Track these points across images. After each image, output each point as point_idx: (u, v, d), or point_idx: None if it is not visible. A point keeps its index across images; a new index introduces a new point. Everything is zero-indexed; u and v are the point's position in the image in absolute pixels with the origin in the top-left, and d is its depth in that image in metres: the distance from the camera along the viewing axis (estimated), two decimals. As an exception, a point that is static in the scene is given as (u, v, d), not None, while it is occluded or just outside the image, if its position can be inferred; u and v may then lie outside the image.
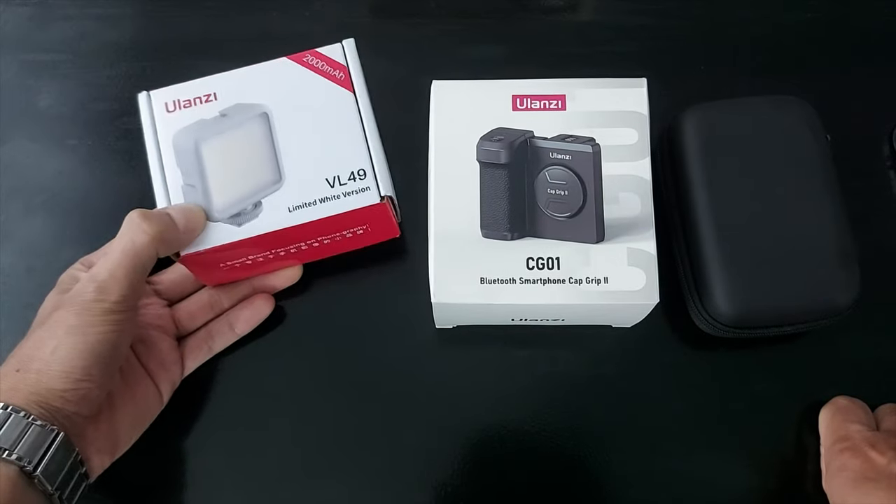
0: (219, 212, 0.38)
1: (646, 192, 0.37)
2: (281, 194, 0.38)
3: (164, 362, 0.40)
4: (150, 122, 0.39)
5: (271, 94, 0.39)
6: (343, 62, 0.40)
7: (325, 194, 0.38)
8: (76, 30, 0.49)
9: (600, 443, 0.41)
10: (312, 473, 0.41)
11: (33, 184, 0.46)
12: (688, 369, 0.42)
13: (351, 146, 0.39)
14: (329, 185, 0.38)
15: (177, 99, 0.39)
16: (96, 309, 0.34)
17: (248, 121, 0.39)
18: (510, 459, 0.41)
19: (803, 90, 0.42)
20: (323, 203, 0.38)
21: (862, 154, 0.46)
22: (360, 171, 0.38)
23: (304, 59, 0.40)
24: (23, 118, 0.47)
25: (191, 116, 0.39)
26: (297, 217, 0.38)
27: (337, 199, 0.38)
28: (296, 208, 0.38)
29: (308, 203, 0.38)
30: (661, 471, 0.41)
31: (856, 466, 0.36)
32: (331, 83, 0.40)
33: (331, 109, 0.39)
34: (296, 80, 0.40)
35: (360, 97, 0.39)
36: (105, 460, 0.36)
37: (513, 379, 0.42)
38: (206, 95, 0.39)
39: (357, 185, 0.38)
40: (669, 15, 0.50)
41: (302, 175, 0.38)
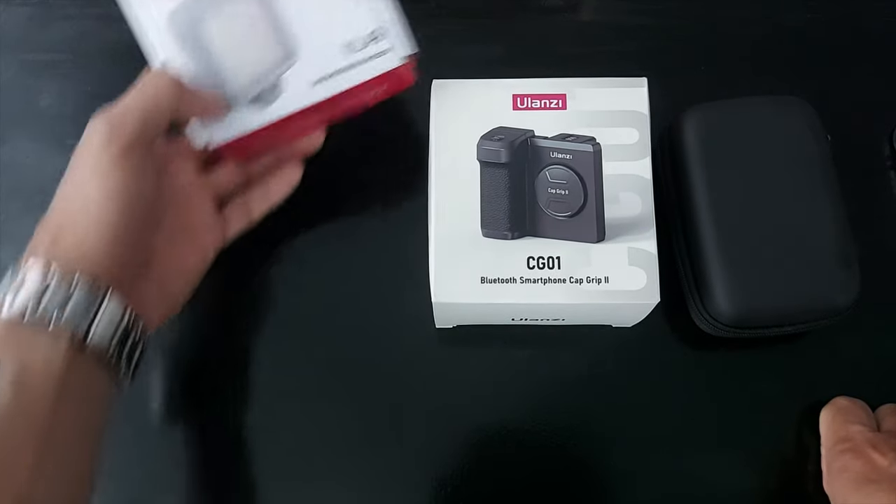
0: (238, 96, 0.36)
1: (646, 191, 0.37)
2: (298, 69, 0.36)
3: (204, 223, 0.40)
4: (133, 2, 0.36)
5: None
6: None
7: (342, 63, 0.36)
8: (76, 29, 0.49)
9: (600, 442, 0.41)
10: (311, 473, 0.41)
11: (33, 184, 0.46)
12: (688, 369, 0.42)
13: (359, 7, 0.36)
14: (345, 53, 0.36)
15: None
16: (107, 155, 0.33)
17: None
18: (510, 459, 0.41)
19: (803, 90, 0.42)
20: (345, 72, 0.36)
21: (862, 154, 0.46)
22: (376, 32, 0.36)
23: None
24: (23, 118, 0.47)
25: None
26: (320, 92, 0.36)
27: (354, 66, 0.36)
28: (317, 82, 0.36)
29: (326, 76, 0.36)
30: (661, 471, 0.41)
31: (857, 468, 0.36)
32: None
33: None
34: None
35: None
36: (160, 313, 0.37)
37: (513, 379, 0.42)
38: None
39: (376, 49, 0.36)
40: (669, 15, 0.50)
41: (314, 45, 0.36)
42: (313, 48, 0.36)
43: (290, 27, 0.36)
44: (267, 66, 0.36)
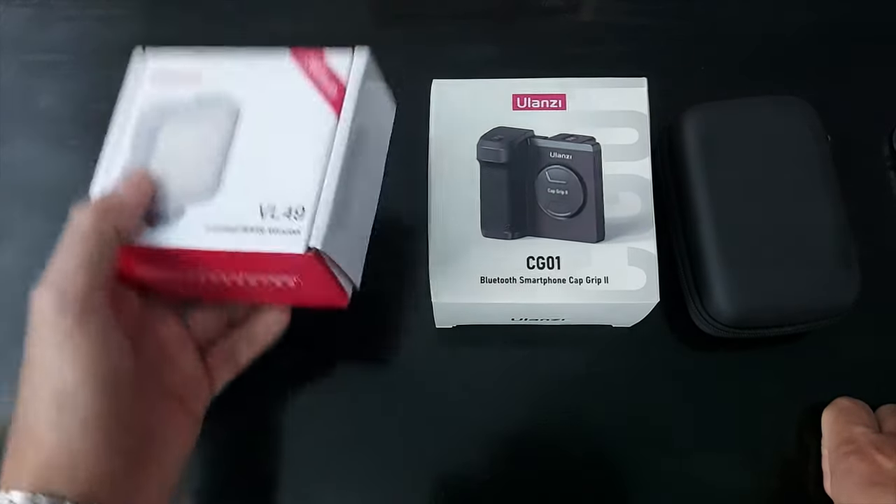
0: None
1: (646, 191, 0.37)
2: (207, 206, 0.32)
3: (192, 380, 0.36)
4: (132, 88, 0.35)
5: (254, 88, 0.34)
6: (343, 77, 0.33)
7: (250, 223, 0.32)
8: (76, 30, 0.49)
9: (600, 443, 0.41)
10: (309, 472, 0.41)
11: (34, 183, 0.46)
12: (688, 369, 0.42)
13: (303, 176, 0.32)
14: (261, 213, 0.32)
15: (164, 69, 0.35)
16: (63, 327, 0.29)
17: (216, 114, 0.34)
18: (510, 459, 0.41)
19: (803, 90, 0.42)
20: (245, 232, 0.32)
21: (862, 154, 0.46)
22: (300, 208, 0.31)
23: (305, 59, 0.34)
24: (23, 118, 0.47)
25: (169, 94, 0.35)
26: (214, 240, 0.32)
27: (261, 232, 0.31)
28: (215, 228, 0.32)
29: (230, 227, 0.32)
30: (661, 471, 0.41)
31: (862, 470, 0.36)
32: (319, 97, 0.33)
33: (305, 127, 0.33)
34: (286, 80, 0.34)
35: (343, 125, 0.33)
36: (160, 499, 0.33)
37: (513, 379, 0.42)
38: (192, 75, 0.34)
39: (288, 225, 0.31)
40: (669, 15, 0.50)
41: (238, 193, 0.32)
42: (233, 194, 0.32)
43: (232, 166, 0.33)
44: (189, 190, 0.33)
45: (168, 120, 0.34)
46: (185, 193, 0.33)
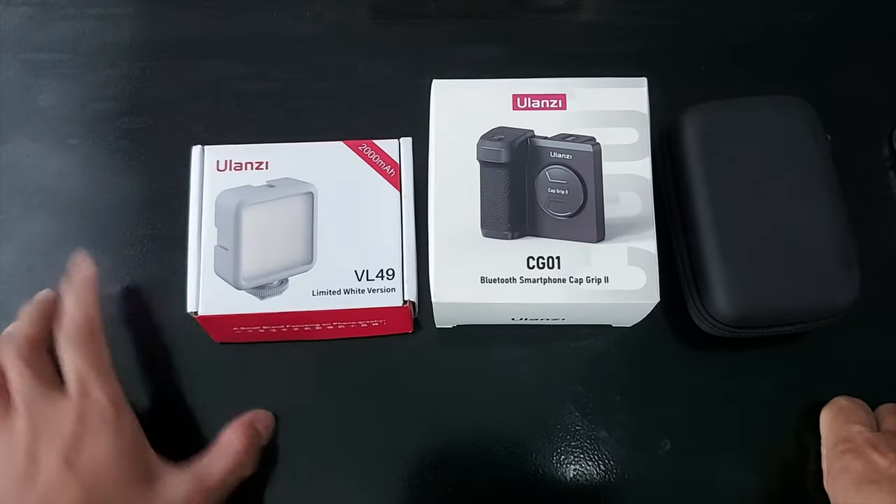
0: (245, 280, 0.38)
1: (646, 191, 0.37)
2: (308, 276, 0.39)
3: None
4: (198, 177, 0.40)
5: (321, 174, 0.40)
6: (396, 159, 0.41)
7: (351, 286, 0.39)
8: (76, 29, 0.49)
9: (600, 442, 0.41)
10: (308, 472, 0.41)
11: (33, 184, 0.46)
12: (688, 369, 0.42)
13: (386, 244, 0.39)
14: (357, 277, 0.39)
15: (229, 159, 0.40)
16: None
17: (293, 196, 0.40)
18: (510, 458, 0.41)
19: (803, 90, 0.42)
20: (347, 294, 0.39)
21: (862, 154, 0.47)
22: (390, 270, 0.39)
23: (360, 148, 0.41)
24: (23, 118, 0.47)
25: (239, 180, 0.40)
26: (319, 302, 0.38)
27: (361, 293, 0.39)
28: (320, 293, 0.39)
29: (333, 291, 0.39)
30: (661, 471, 0.41)
31: (858, 468, 0.36)
32: (381, 177, 0.41)
33: (375, 203, 0.40)
34: (348, 166, 0.40)
35: (406, 197, 0.40)
36: None
37: (513, 378, 0.42)
38: (258, 162, 0.40)
39: (383, 284, 0.39)
40: (669, 15, 0.50)
41: (333, 262, 0.39)
42: (329, 264, 0.39)
43: (321, 240, 0.39)
44: (287, 265, 0.39)
45: (247, 202, 0.39)
46: (284, 267, 0.39)
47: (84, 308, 0.37)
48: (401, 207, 0.40)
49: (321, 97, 0.47)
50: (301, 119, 0.47)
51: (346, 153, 0.41)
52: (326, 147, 0.41)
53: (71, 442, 0.33)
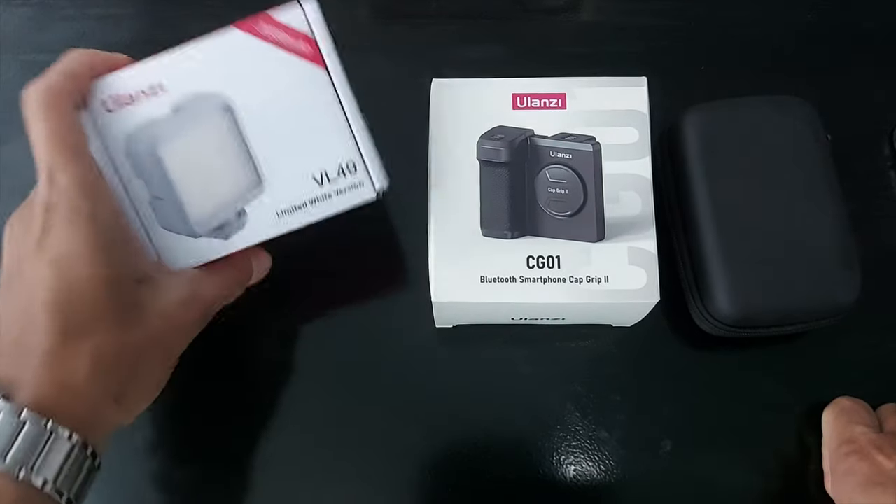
0: (199, 225, 0.34)
1: (646, 190, 0.37)
2: (265, 198, 0.34)
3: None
4: (90, 128, 0.33)
5: (228, 78, 0.33)
6: (307, 30, 0.33)
7: (314, 194, 0.34)
8: (76, 30, 0.49)
9: (600, 442, 0.41)
10: (308, 472, 0.41)
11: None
12: (688, 369, 0.42)
13: (334, 135, 0.34)
14: (317, 182, 0.34)
15: (115, 94, 0.33)
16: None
17: (208, 115, 0.33)
18: (509, 458, 0.41)
19: (803, 90, 0.42)
20: (314, 204, 0.34)
21: (862, 154, 0.46)
22: (350, 164, 0.34)
23: (257, 30, 0.33)
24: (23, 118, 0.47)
25: (137, 115, 0.33)
26: (287, 222, 0.34)
27: (329, 198, 0.34)
28: (284, 213, 0.34)
29: (297, 206, 0.34)
30: (661, 471, 0.41)
31: (863, 470, 0.36)
32: (296, 58, 0.33)
33: (302, 91, 0.33)
34: (254, 57, 0.33)
35: (335, 74, 0.33)
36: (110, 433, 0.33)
37: (513, 378, 0.42)
38: (150, 87, 0.33)
39: (348, 181, 0.34)
40: (669, 15, 0.50)
41: (284, 174, 0.34)
42: (282, 178, 0.34)
43: (259, 154, 0.34)
44: (232, 195, 0.34)
45: (161, 139, 0.33)
46: (234, 197, 0.34)
47: (60, 73, 0.32)
48: (333, 86, 0.33)
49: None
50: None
51: (246, 42, 0.33)
52: (221, 42, 0.33)
53: (39, 238, 0.31)
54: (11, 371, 0.30)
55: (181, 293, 0.33)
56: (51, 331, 0.30)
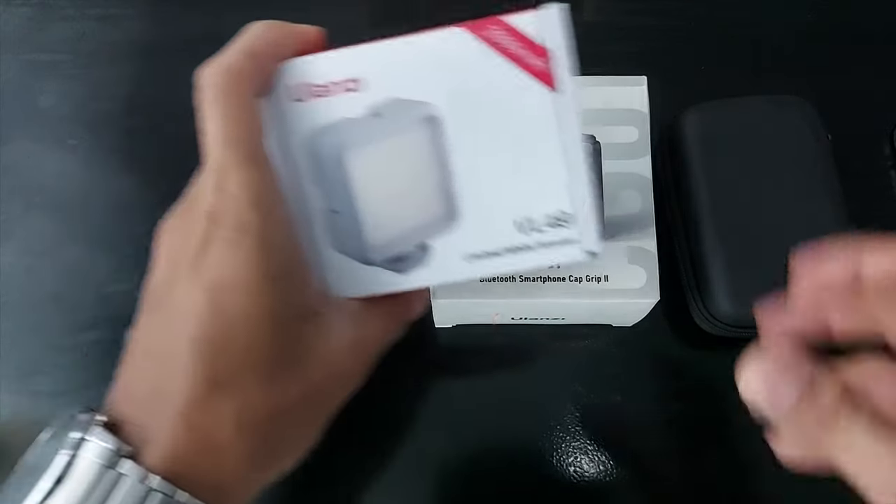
0: (375, 251, 0.28)
1: (646, 190, 0.37)
2: (456, 236, 0.28)
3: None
4: (271, 117, 0.28)
5: (438, 84, 0.27)
6: (543, 43, 0.26)
7: (513, 242, 0.28)
8: (76, 30, 0.49)
9: (600, 442, 0.41)
10: (306, 472, 0.41)
11: (33, 184, 0.46)
12: (689, 368, 0.42)
13: (549, 177, 0.27)
14: (518, 229, 0.27)
15: (306, 83, 0.27)
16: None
17: (410, 126, 0.27)
18: (509, 458, 0.41)
19: (803, 90, 0.42)
20: (510, 254, 0.28)
21: (862, 154, 0.46)
22: (562, 215, 0.27)
23: (486, 33, 0.26)
24: (23, 118, 0.47)
25: (329, 111, 0.27)
26: (476, 269, 0.28)
27: (528, 250, 0.28)
28: (474, 257, 0.28)
29: (491, 253, 0.28)
30: (662, 471, 0.41)
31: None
32: (524, 74, 0.26)
33: (522, 116, 0.27)
34: (473, 64, 0.26)
35: (563, 101, 0.26)
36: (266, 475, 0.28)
37: (512, 378, 0.42)
38: (349, 81, 0.27)
39: (555, 235, 0.27)
40: (669, 15, 0.50)
41: (483, 212, 0.28)
42: (480, 216, 0.27)
43: (459, 182, 0.27)
44: (418, 224, 0.28)
45: (350, 144, 0.27)
46: (420, 226, 0.28)
47: (241, 52, 0.27)
48: (558, 115, 0.26)
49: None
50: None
51: (469, 46, 0.26)
52: (439, 40, 0.27)
53: (196, 255, 0.25)
54: (143, 418, 0.25)
55: (348, 334, 0.27)
56: (196, 376, 0.24)
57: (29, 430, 0.41)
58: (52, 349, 0.42)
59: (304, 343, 0.26)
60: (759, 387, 0.24)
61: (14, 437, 0.41)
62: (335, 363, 0.27)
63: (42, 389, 0.42)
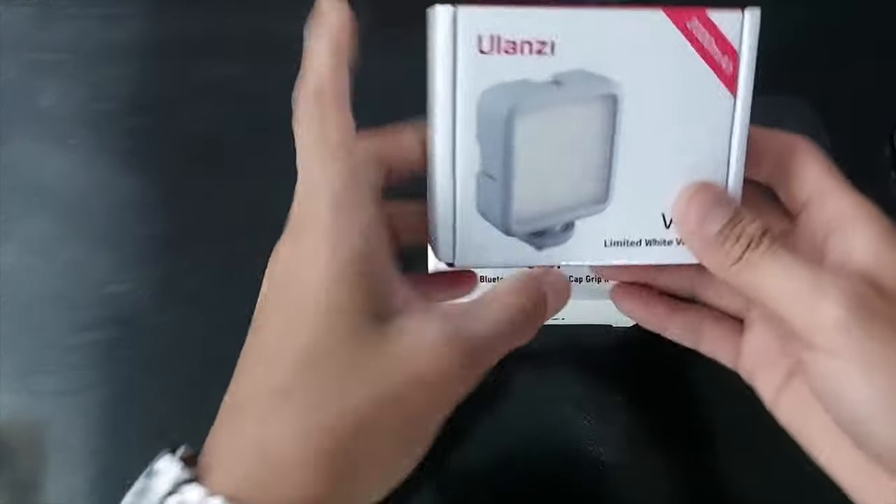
0: (519, 223, 0.27)
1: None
2: (602, 219, 0.28)
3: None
4: (448, 61, 0.26)
5: (625, 64, 0.26)
6: (736, 46, 0.26)
7: (655, 235, 0.28)
8: (78, 29, 0.49)
9: (599, 442, 0.41)
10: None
11: (35, 182, 0.46)
12: (689, 369, 0.42)
13: (710, 176, 0.27)
14: (665, 223, 0.28)
15: (498, 35, 0.26)
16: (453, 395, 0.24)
17: (588, 100, 0.27)
18: (509, 458, 0.41)
19: (803, 90, 0.42)
20: (649, 246, 0.28)
21: (862, 154, 0.47)
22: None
23: (686, 24, 0.26)
24: (24, 118, 0.47)
25: (514, 69, 0.26)
26: (613, 255, 0.28)
27: (667, 244, 0.28)
28: (614, 244, 0.28)
29: (632, 242, 0.28)
30: (662, 471, 0.41)
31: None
32: (712, 74, 0.27)
33: (698, 115, 0.27)
34: (667, 53, 0.26)
35: (742, 108, 0.27)
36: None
37: (512, 378, 0.42)
38: (540, 43, 0.26)
39: None
40: (669, 15, 0.50)
41: (634, 200, 0.27)
42: (630, 203, 0.27)
43: (620, 167, 0.27)
44: (570, 202, 0.27)
45: (524, 108, 0.26)
46: (570, 206, 0.27)
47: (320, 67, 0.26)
48: (732, 121, 0.27)
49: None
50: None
51: (667, 32, 0.26)
52: (640, 20, 0.26)
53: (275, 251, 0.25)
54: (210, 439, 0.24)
55: (435, 332, 0.23)
56: (250, 380, 0.24)
57: (29, 430, 0.41)
58: (53, 349, 0.42)
59: (379, 345, 0.23)
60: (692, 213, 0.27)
61: (14, 437, 0.41)
62: (417, 368, 0.23)
63: (42, 389, 0.42)
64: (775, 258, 0.25)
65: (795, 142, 0.28)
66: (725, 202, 0.26)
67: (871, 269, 0.25)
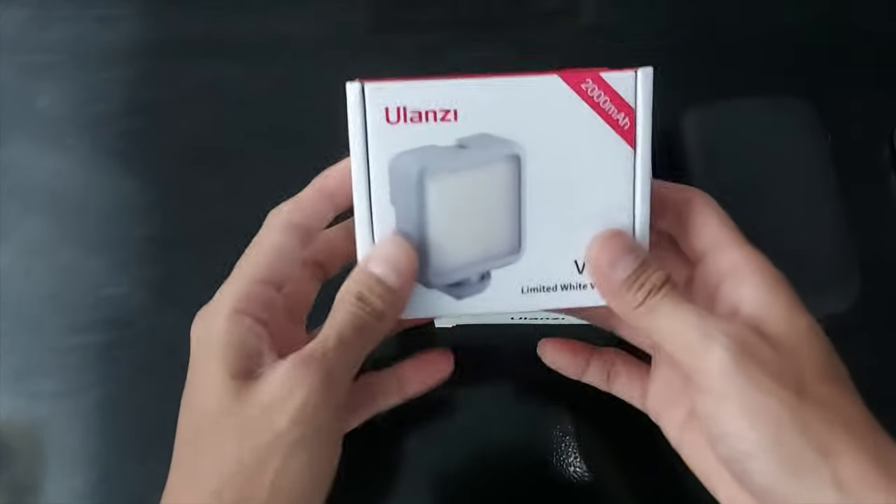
0: (437, 276, 0.30)
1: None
2: (517, 268, 0.30)
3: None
4: (360, 132, 0.28)
5: (526, 126, 0.29)
6: (631, 103, 0.29)
7: (569, 280, 0.30)
8: (75, 31, 0.49)
9: (599, 443, 0.41)
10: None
11: (32, 184, 0.46)
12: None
13: (615, 224, 0.30)
14: (577, 269, 0.30)
15: (403, 106, 0.28)
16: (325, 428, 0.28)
17: (493, 162, 0.29)
18: (509, 458, 0.41)
19: (803, 90, 0.42)
20: (564, 291, 0.30)
21: (862, 155, 0.46)
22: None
23: (581, 86, 0.29)
24: (22, 119, 0.47)
25: (418, 136, 0.28)
26: (529, 302, 0.30)
27: (582, 288, 0.30)
28: (530, 290, 0.30)
29: (547, 288, 0.30)
30: (662, 471, 0.41)
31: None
32: (609, 130, 0.29)
33: (598, 167, 0.29)
34: (564, 113, 0.29)
35: (641, 160, 0.29)
36: None
37: (512, 378, 0.42)
38: (444, 111, 0.28)
39: None
40: (670, 15, 0.50)
41: (546, 248, 0.30)
42: (543, 252, 0.30)
43: (529, 219, 0.29)
44: (484, 255, 0.30)
45: (433, 170, 0.28)
46: (485, 258, 0.30)
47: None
48: (634, 173, 0.29)
49: (321, 97, 0.47)
50: (305, 121, 0.47)
51: (563, 94, 0.29)
52: (537, 85, 0.29)
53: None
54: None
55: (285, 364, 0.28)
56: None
57: (26, 431, 0.41)
58: (50, 350, 0.42)
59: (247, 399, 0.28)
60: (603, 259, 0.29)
61: (11, 438, 0.41)
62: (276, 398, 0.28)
63: (40, 390, 0.42)
64: (672, 304, 0.27)
65: (694, 196, 0.30)
66: (634, 250, 0.29)
67: (757, 315, 0.28)
